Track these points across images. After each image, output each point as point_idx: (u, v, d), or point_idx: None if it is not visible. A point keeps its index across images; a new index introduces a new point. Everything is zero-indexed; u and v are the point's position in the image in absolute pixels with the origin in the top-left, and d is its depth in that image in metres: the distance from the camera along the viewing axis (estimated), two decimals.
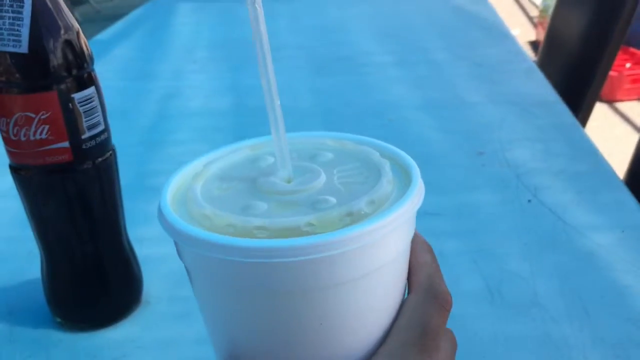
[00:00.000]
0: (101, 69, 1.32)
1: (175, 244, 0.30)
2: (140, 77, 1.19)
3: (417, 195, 0.30)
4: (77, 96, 0.47)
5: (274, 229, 0.28)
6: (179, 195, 0.33)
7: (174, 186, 0.33)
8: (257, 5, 0.30)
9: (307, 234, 0.27)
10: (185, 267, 0.31)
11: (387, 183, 0.30)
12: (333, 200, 0.30)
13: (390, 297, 0.32)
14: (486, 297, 0.56)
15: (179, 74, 1.21)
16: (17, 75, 0.45)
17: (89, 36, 1.45)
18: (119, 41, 1.41)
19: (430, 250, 0.34)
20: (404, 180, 0.32)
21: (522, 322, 0.53)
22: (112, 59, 1.31)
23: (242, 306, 0.29)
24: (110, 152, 0.51)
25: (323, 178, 0.32)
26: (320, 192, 0.31)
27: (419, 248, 0.34)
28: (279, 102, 0.32)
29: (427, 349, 0.30)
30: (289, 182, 0.32)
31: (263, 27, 0.31)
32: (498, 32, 1.39)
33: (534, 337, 0.52)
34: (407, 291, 0.33)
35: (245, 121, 0.98)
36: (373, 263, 0.29)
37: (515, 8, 4.86)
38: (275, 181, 0.32)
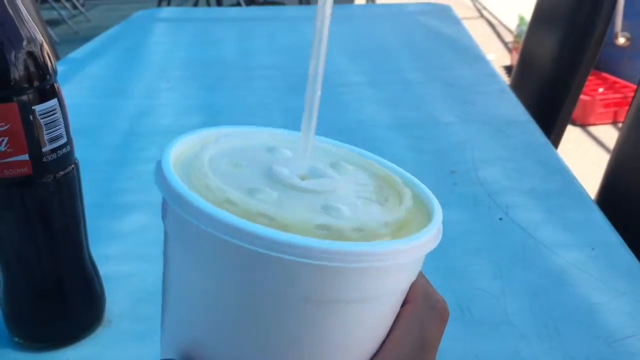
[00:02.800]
0: (73, 87, 1.30)
1: (163, 205, 0.28)
2: (112, 95, 1.18)
3: (437, 232, 0.28)
4: (38, 108, 0.46)
5: (280, 221, 0.25)
6: (182, 159, 0.30)
7: (178, 148, 0.30)
8: None
9: (317, 236, 0.25)
10: (165, 231, 0.29)
11: (406, 211, 0.29)
12: (346, 210, 0.28)
13: (389, 323, 0.30)
14: (457, 314, 0.56)
15: (151, 92, 1.20)
16: None
17: (65, 56, 1.43)
18: (92, 59, 1.40)
19: None
20: (423, 212, 0.30)
21: (492, 340, 0.53)
22: (84, 76, 1.30)
23: (221, 298, 0.27)
24: (73, 166, 0.49)
25: (340, 186, 0.30)
26: (336, 199, 0.29)
27: None
28: (319, 93, 0.30)
29: None
30: (303, 179, 0.30)
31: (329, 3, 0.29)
32: (472, 55, 1.41)
33: (504, 355, 0.51)
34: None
35: None
36: (382, 288, 0.27)
37: (491, 33, 4.94)
38: (290, 174, 0.29)
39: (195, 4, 4.63)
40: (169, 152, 0.29)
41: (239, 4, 4.47)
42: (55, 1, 5.46)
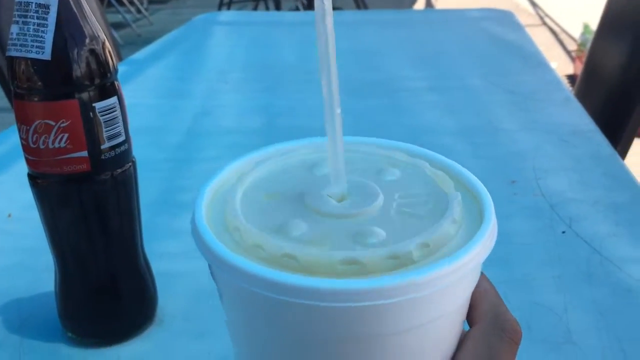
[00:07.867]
0: (135, 87, 1.33)
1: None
2: (172, 96, 1.20)
3: (483, 245, 0.26)
4: (98, 105, 0.46)
5: (304, 262, 0.24)
6: (220, 194, 0.30)
7: (217, 183, 0.31)
8: (324, 1, 0.28)
9: (342, 273, 0.24)
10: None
11: (450, 223, 0.27)
12: (382, 234, 0.26)
13: (445, 347, 0.28)
14: None
15: (211, 93, 1.21)
16: (39, 82, 0.44)
17: (128, 57, 1.46)
18: (153, 61, 1.43)
19: (486, 277, 0.30)
20: (476, 218, 0.28)
21: (553, 359, 0.50)
22: (146, 78, 1.32)
23: (272, 345, 0.27)
24: (130, 163, 0.50)
25: (380, 203, 0.28)
26: (371, 220, 0.27)
27: None
28: (339, 110, 0.29)
29: None
30: (340, 200, 0.29)
31: (330, 24, 0.28)
32: (535, 61, 1.36)
33: None
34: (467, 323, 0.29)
35: (277, 140, 0.97)
36: (422, 317, 0.25)
37: (553, 41, 4.81)
38: (325, 198, 0.28)
39: (255, 9, 4.68)
40: (202, 196, 0.29)
41: (297, 9, 4.50)
42: (120, 5, 5.62)
